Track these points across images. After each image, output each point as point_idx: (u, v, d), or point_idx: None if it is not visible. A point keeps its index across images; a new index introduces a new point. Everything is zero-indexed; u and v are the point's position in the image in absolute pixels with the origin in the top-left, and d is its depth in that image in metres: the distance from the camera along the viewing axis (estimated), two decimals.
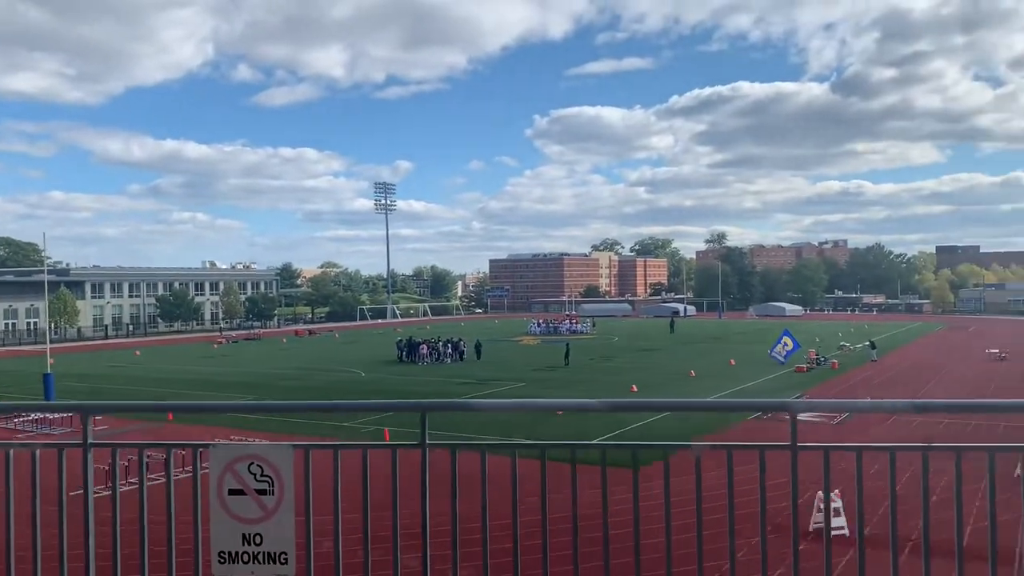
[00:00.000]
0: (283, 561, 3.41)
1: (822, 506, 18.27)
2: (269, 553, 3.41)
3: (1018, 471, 3.64)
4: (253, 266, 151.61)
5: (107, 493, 3.62)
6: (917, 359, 56.65)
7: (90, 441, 3.61)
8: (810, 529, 16.43)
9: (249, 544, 3.42)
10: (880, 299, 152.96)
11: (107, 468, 3.70)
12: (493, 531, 3.56)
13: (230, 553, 3.44)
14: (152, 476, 4.10)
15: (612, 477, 3.65)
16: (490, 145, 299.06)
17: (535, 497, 3.48)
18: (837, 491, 17.26)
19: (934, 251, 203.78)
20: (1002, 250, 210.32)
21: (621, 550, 3.60)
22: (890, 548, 3.44)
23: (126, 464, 7.70)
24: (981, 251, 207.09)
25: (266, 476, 3.41)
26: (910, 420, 26.75)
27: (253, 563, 3.42)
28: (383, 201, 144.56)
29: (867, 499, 3.31)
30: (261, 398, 39.20)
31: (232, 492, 3.42)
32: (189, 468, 3.57)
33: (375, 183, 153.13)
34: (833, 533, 15.92)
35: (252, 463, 3.41)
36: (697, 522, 3.49)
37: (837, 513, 17.03)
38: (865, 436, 27.30)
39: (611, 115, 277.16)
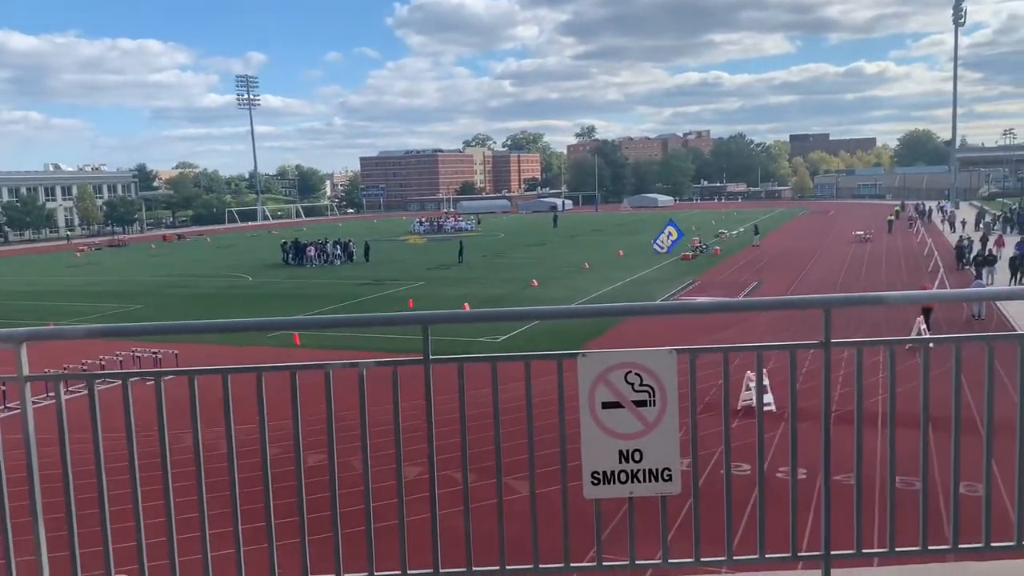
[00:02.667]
0: (666, 478, 3.09)
1: (751, 385, 19.42)
2: (650, 470, 3.09)
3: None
4: (103, 168, 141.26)
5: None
6: (791, 243, 59.88)
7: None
8: (739, 407, 17.27)
9: (627, 461, 3.08)
10: (743, 187, 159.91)
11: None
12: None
13: (605, 473, 3.10)
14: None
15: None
16: (348, 35, 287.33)
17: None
18: (765, 370, 18.34)
19: (788, 140, 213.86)
20: (847, 137, 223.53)
21: None
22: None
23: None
24: (830, 139, 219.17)
25: (646, 386, 3.05)
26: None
27: (632, 482, 3.10)
28: (245, 96, 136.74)
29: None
30: (148, 307, 37.23)
31: (607, 405, 3.06)
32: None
33: (236, 76, 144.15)
34: (764, 409, 16.89)
35: (629, 372, 3.04)
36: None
37: (766, 390, 18.18)
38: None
39: (475, 3, 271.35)
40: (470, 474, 3.24)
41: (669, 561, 3.23)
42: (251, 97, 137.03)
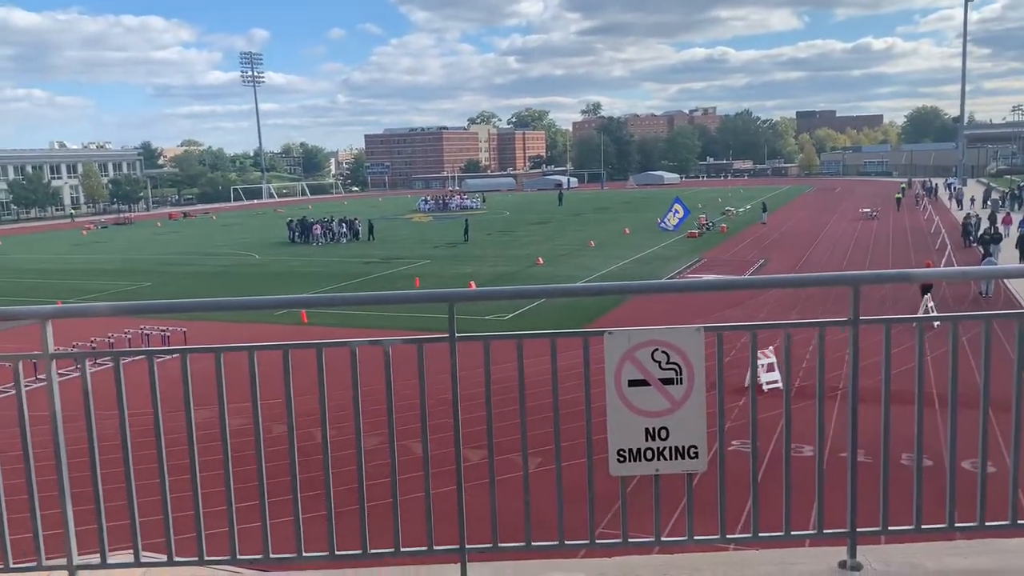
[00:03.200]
0: (693, 455, 3.09)
1: (761, 363, 19.29)
2: (676, 447, 3.08)
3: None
4: (108, 146, 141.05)
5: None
6: (798, 219, 59.66)
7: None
8: (745, 385, 17.25)
9: (654, 439, 3.07)
10: (749, 164, 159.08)
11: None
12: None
13: (631, 451, 3.09)
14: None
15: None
16: (352, 11, 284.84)
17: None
18: (770, 348, 18.34)
19: (794, 116, 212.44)
20: (854, 114, 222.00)
21: None
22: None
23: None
24: (837, 116, 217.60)
25: (673, 363, 3.03)
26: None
27: (658, 459, 3.09)
28: (249, 73, 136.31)
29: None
30: (156, 285, 37.38)
31: (633, 383, 3.04)
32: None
33: (240, 53, 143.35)
34: (770, 387, 16.75)
35: (656, 349, 3.02)
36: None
37: (771, 368, 18.18)
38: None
39: None
40: (495, 450, 3.24)
41: (695, 538, 3.24)
42: (255, 74, 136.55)
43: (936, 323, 3.77)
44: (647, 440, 3.10)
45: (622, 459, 3.12)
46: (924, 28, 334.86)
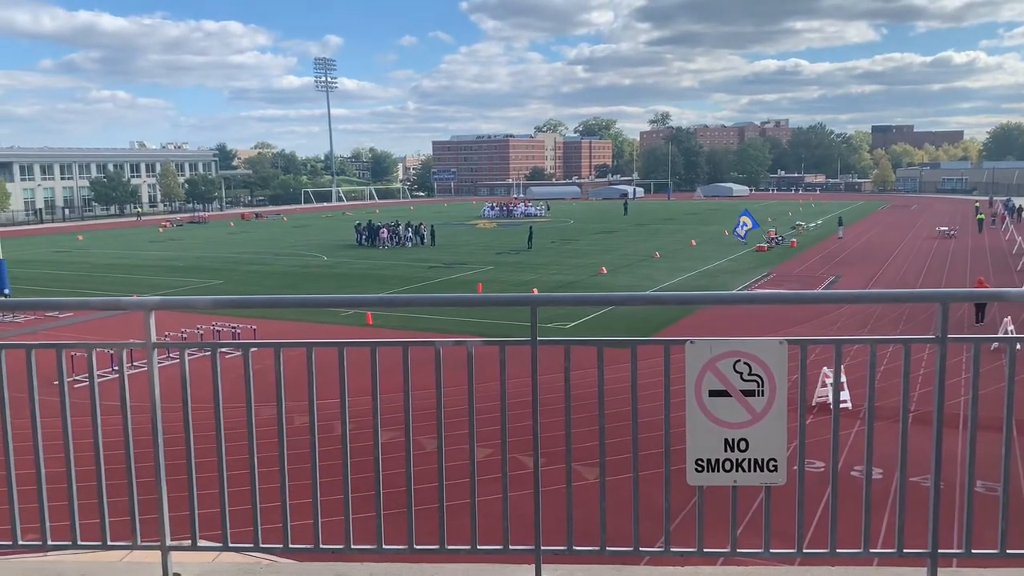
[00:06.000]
0: (772, 468, 3.11)
1: (827, 381, 19.01)
2: (755, 460, 3.11)
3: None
4: (185, 147, 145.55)
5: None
6: (872, 236, 58.21)
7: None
8: (813, 403, 16.98)
9: (732, 450, 3.11)
10: (821, 179, 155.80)
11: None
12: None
13: (709, 461, 3.13)
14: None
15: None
16: (423, 19, 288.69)
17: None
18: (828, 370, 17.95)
19: (869, 131, 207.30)
20: (933, 130, 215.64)
21: None
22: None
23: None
24: (915, 131, 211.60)
25: (755, 375, 3.06)
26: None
27: (736, 471, 3.12)
28: (323, 78, 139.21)
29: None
30: (227, 283, 38.43)
31: (714, 393, 3.08)
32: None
33: (315, 59, 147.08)
34: (841, 406, 16.59)
35: (739, 360, 3.06)
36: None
37: (842, 387, 17.81)
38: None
39: None
40: (572, 456, 3.29)
41: (771, 551, 3.23)
42: (329, 80, 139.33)
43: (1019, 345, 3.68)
44: (726, 451, 3.11)
45: (700, 469, 3.13)
46: (1010, 42, 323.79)
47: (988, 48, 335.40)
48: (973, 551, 3.14)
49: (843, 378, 18.06)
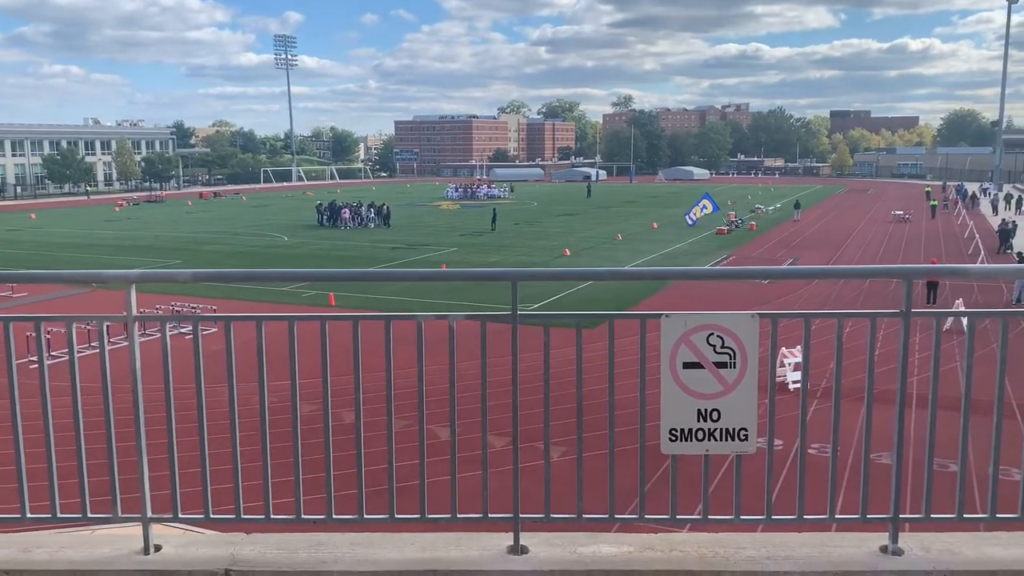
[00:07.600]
0: (742, 438, 3.21)
1: (785, 361, 19.29)
2: (727, 430, 3.21)
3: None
4: (142, 124, 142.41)
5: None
6: (829, 220, 59.23)
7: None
8: (779, 379, 17.27)
9: (705, 420, 3.20)
10: (780, 162, 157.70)
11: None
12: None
13: (682, 431, 3.22)
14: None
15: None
16: None
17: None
18: (797, 348, 18.30)
19: (828, 116, 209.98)
20: (889, 115, 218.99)
21: None
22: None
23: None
24: (872, 116, 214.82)
25: (727, 348, 3.15)
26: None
27: (709, 440, 3.21)
28: (283, 56, 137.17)
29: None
30: (187, 263, 37.84)
31: (688, 365, 3.16)
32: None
33: (275, 36, 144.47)
34: (795, 386, 16.71)
35: (712, 334, 3.15)
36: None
37: (798, 368, 18.16)
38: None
39: None
40: (550, 431, 3.37)
41: (741, 517, 3.35)
42: (289, 57, 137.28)
43: (986, 320, 3.83)
44: (699, 421, 3.21)
45: (674, 438, 3.23)
46: (963, 30, 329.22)
47: (942, 35, 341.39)
48: (932, 515, 3.29)
49: (799, 359, 18.46)
